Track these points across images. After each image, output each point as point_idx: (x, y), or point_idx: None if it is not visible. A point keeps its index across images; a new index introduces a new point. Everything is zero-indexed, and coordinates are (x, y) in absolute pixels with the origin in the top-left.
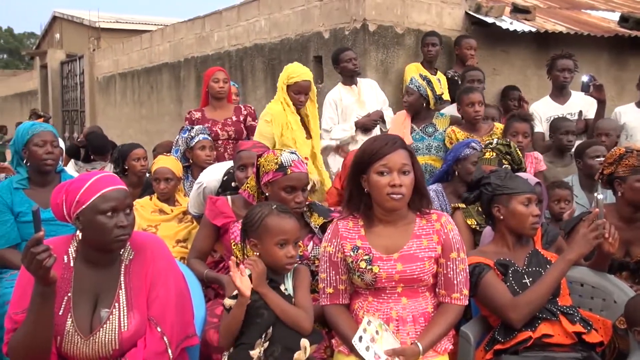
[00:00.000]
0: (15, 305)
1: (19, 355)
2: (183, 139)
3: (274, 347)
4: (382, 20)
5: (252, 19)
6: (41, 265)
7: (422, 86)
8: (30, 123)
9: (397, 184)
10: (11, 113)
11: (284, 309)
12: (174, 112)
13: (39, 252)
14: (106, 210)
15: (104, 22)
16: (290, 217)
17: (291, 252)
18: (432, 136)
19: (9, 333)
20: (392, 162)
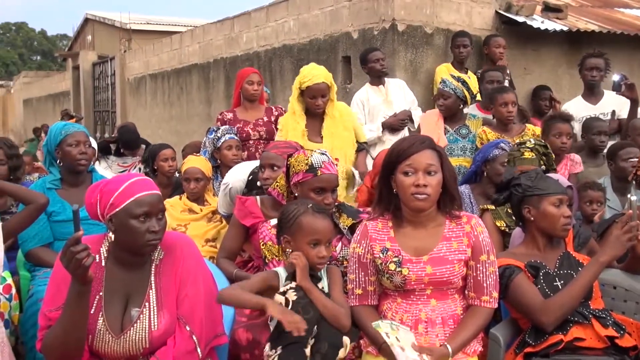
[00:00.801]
0: (49, 302)
1: (53, 352)
2: (210, 140)
3: (320, 344)
4: (411, 20)
5: (280, 19)
6: (80, 264)
7: (458, 88)
8: (63, 123)
9: (421, 184)
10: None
11: (326, 305)
12: (203, 113)
13: (79, 252)
14: (139, 215)
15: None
16: (325, 217)
17: (322, 252)
18: (466, 138)
19: (42, 330)
20: (417, 162)
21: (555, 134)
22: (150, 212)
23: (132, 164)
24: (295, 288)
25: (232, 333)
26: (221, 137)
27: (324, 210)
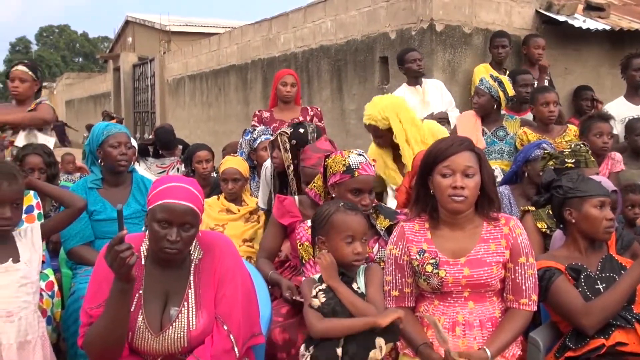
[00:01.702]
0: (91, 300)
1: (94, 348)
2: (246, 141)
3: (350, 345)
4: (449, 20)
5: (318, 20)
6: (124, 263)
7: (494, 87)
8: (105, 124)
9: (459, 186)
10: (86, 114)
11: (354, 303)
12: (241, 114)
13: (122, 250)
14: (160, 220)
15: (174, 25)
16: (357, 213)
17: (358, 248)
18: (504, 140)
19: (84, 326)
20: (455, 164)
21: (596, 133)
22: (171, 220)
23: (171, 165)
24: (324, 290)
25: (269, 333)
26: (257, 138)
27: (356, 207)
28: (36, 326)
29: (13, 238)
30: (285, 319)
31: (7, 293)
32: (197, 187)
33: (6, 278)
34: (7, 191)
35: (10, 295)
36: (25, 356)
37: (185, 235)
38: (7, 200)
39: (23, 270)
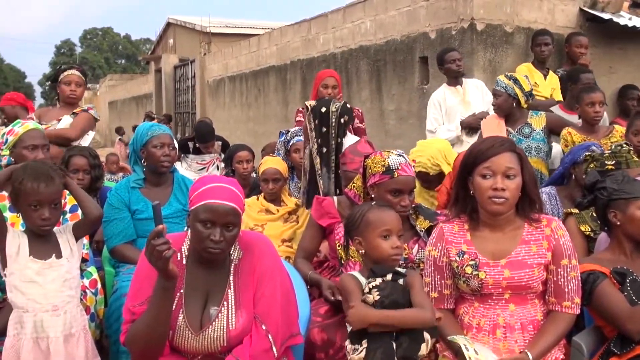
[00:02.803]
0: (133, 297)
1: (137, 345)
2: (281, 143)
3: (402, 339)
4: (490, 19)
5: (357, 20)
6: (161, 256)
7: (509, 86)
8: (149, 124)
9: (499, 188)
10: (128, 115)
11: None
12: (280, 114)
13: (159, 244)
14: (203, 221)
15: (214, 27)
16: (390, 209)
17: (396, 242)
18: (530, 137)
19: (126, 324)
20: (496, 165)
21: (634, 131)
22: (215, 220)
23: (210, 162)
24: (377, 287)
25: (307, 333)
26: (290, 140)
27: (388, 205)
28: (79, 319)
29: (55, 235)
30: (323, 319)
31: (53, 288)
32: (238, 187)
33: (51, 273)
34: (45, 193)
35: (56, 290)
36: (70, 348)
37: (228, 235)
38: (45, 201)
39: (66, 265)
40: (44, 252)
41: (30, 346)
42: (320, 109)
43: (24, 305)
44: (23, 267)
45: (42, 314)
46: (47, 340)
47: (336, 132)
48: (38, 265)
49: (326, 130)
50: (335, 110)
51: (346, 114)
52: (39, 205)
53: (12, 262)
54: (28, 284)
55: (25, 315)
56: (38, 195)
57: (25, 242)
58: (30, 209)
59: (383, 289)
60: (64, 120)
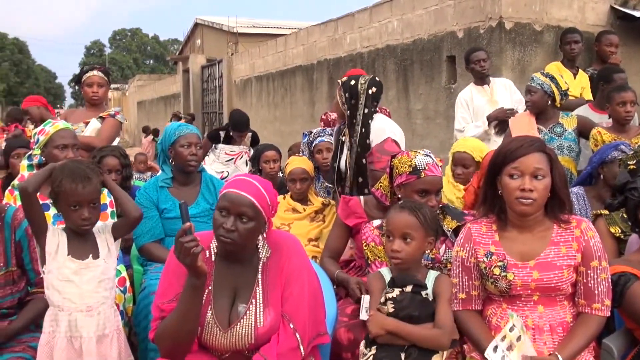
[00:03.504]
0: (162, 295)
1: (166, 342)
2: (305, 144)
3: (411, 349)
4: (519, 17)
5: (384, 20)
6: (189, 253)
7: (546, 83)
8: (177, 124)
9: (527, 189)
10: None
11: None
12: (307, 114)
13: (187, 242)
14: (220, 208)
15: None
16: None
17: (393, 246)
18: (562, 136)
19: (155, 321)
20: (524, 165)
21: None
22: (229, 209)
23: (239, 153)
24: (394, 299)
25: (334, 332)
26: (313, 141)
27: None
28: (113, 320)
29: (93, 234)
30: (350, 318)
31: (88, 288)
32: (268, 186)
33: (88, 274)
34: (83, 193)
35: (91, 291)
36: (103, 349)
37: (241, 227)
38: (84, 201)
39: (102, 266)
40: (82, 252)
41: (64, 345)
42: (350, 82)
43: (60, 304)
44: (61, 266)
45: (76, 313)
46: (80, 339)
47: (364, 103)
48: (75, 265)
49: (355, 102)
50: (364, 82)
51: (374, 85)
52: (78, 205)
53: (50, 260)
54: (65, 283)
55: (60, 314)
56: (77, 196)
57: (64, 241)
58: (70, 209)
59: (399, 301)
60: (92, 125)
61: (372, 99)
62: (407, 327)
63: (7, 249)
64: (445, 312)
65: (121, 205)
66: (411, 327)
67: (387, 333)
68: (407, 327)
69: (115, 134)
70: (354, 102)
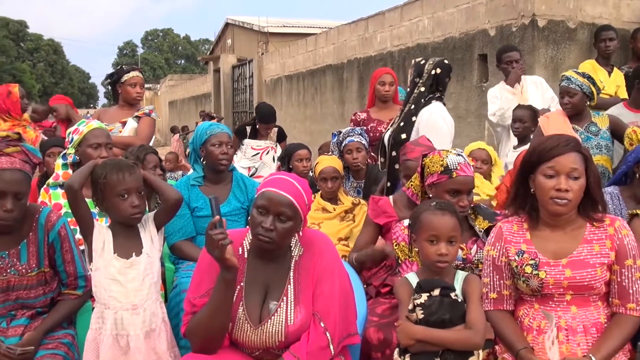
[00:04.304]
0: (194, 290)
1: (197, 336)
2: (334, 144)
3: (447, 353)
4: (552, 14)
5: (415, 18)
6: (218, 245)
7: (585, 84)
8: (208, 123)
9: (563, 189)
10: (187, 115)
11: (450, 341)
12: (337, 113)
13: (216, 234)
14: (258, 207)
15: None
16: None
17: (441, 249)
18: (598, 135)
19: (187, 315)
20: (560, 165)
21: None
22: (268, 208)
23: (265, 149)
24: (422, 304)
25: (364, 332)
26: (343, 141)
27: (449, 207)
28: (159, 313)
29: (137, 228)
30: (380, 318)
31: (132, 287)
32: (305, 185)
33: (132, 272)
34: (130, 180)
35: (135, 289)
36: (152, 343)
37: (280, 227)
38: (132, 189)
39: (145, 262)
40: (126, 250)
41: (110, 342)
42: (421, 61)
43: (106, 302)
44: (107, 264)
45: (122, 312)
46: (127, 337)
47: (424, 82)
48: (120, 263)
49: (417, 80)
50: (432, 62)
51: (440, 67)
52: (127, 193)
53: (97, 258)
54: (110, 282)
55: (106, 312)
56: (125, 184)
57: (110, 239)
58: (119, 199)
59: (428, 306)
60: (130, 124)
61: (435, 79)
62: (437, 333)
63: (40, 250)
64: (476, 311)
65: (160, 191)
66: (441, 331)
67: (417, 341)
68: (436, 333)
69: (152, 132)
70: (417, 80)
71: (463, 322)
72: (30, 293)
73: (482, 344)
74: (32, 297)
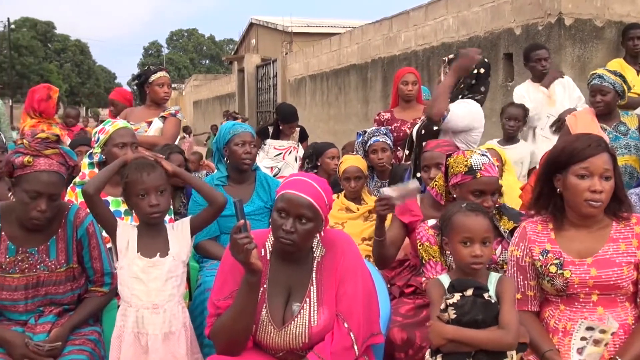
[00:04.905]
0: (218, 292)
1: (222, 338)
2: (359, 144)
3: (480, 354)
4: (579, 13)
5: (439, 17)
6: (242, 249)
7: (617, 82)
8: (231, 123)
9: (598, 190)
10: (212, 114)
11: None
12: (361, 113)
13: (240, 238)
14: (279, 209)
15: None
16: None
17: (476, 251)
18: (627, 135)
19: (211, 317)
20: (594, 166)
21: None
22: (288, 210)
23: (288, 148)
24: (455, 304)
25: (387, 332)
26: (368, 141)
27: (480, 209)
28: (180, 317)
29: (165, 230)
30: (404, 318)
31: (154, 286)
32: (324, 185)
33: (154, 272)
34: (148, 180)
35: (157, 289)
36: (171, 346)
37: (301, 228)
38: (150, 188)
39: (169, 264)
40: (151, 249)
41: (131, 340)
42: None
43: (129, 299)
44: (131, 263)
45: (143, 310)
46: (147, 336)
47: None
48: (143, 262)
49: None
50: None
51: (483, 66)
52: (146, 193)
53: (122, 257)
54: (133, 280)
55: (128, 309)
56: (143, 183)
57: (135, 238)
58: (139, 198)
59: (461, 306)
60: (155, 124)
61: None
62: (469, 332)
63: (68, 246)
64: (510, 312)
65: (204, 193)
66: (473, 331)
67: (449, 341)
68: (468, 332)
69: (177, 132)
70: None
71: (496, 324)
72: (59, 289)
73: (516, 345)
74: (61, 292)
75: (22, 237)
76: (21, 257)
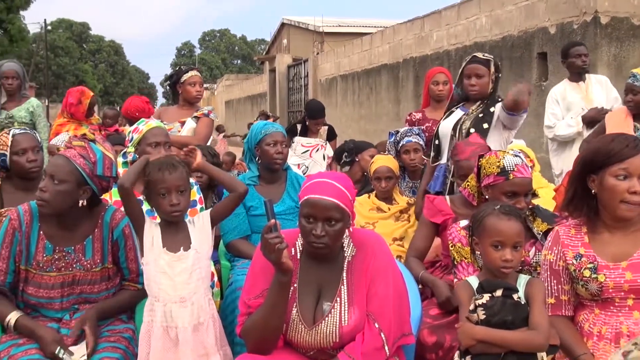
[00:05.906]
0: (249, 291)
1: (253, 337)
2: (391, 144)
3: (509, 356)
4: (616, 11)
5: (472, 17)
6: (273, 249)
7: None
8: (263, 123)
9: (638, 192)
10: (243, 114)
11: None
12: (392, 113)
13: (271, 238)
14: (306, 215)
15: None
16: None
17: (506, 255)
18: None
19: (242, 316)
20: (634, 166)
21: None
22: (316, 215)
23: (315, 146)
24: (484, 305)
25: (418, 333)
26: (400, 141)
27: (514, 211)
28: (207, 308)
29: (186, 226)
30: (434, 320)
31: (180, 280)
32: (346, 182)
33: (180, 265)
34: (169, 179)
35: (183, 282)
36: (200, 336)
37: (331, 230)
38: (171, 187)
39: (193, 257)
40: (174, 244)
41: (160, 334)
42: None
43: (156, 294)
44: (157, 258)
45: (171, 304)
46: (176, 329)
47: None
48: (169, 257)
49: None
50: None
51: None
52: (167, 192)
53: (147, 253)
54: (160, 275)
55: (156, 304)
56: (164, 182)
57: (159, 234)
58: (160, 197)
59: (490, 307)
60: (188, 124)
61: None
62: (498, 333)
63: (104, 246)
64: (540, 313)
65: (225, 183)
66: (502, 332)
67: (478, 342)
68: (498, 333)
69: (210, 132)
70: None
71: (525, 326)
72: (94, 288)
73: (546, 346)
74: (95, 291)
75: (60, 236)
76: (58, 256)
